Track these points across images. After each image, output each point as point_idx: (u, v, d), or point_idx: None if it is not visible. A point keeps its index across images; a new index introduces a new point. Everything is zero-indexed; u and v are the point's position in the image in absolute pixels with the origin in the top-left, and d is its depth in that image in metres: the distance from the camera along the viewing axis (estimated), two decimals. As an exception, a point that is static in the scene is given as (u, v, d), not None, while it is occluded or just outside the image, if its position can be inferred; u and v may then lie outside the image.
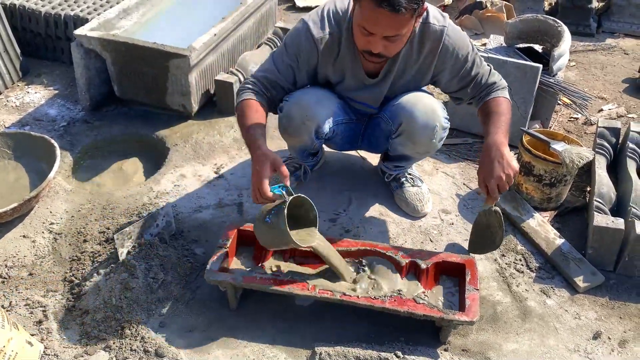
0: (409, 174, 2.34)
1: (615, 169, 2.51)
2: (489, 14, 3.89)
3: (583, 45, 3.82)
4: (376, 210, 2.32)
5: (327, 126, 2.07)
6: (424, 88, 2.16)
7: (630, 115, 3.08)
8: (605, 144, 2.52)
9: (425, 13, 1.88)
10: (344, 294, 1.80)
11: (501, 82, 2.04)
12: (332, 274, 1.88)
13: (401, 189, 2.33)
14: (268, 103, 1.99)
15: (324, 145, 2.39)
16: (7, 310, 1.85)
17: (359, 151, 2.61)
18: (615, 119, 3.01)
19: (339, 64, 2.00)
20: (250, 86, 1.97)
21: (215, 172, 2.49)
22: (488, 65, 2.07)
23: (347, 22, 1.91)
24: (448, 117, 2.10)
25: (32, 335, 1.77)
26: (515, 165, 1.85)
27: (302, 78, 2.03)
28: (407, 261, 1.91)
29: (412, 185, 2.32)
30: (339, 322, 1.87)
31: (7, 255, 2.06)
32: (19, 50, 3.07)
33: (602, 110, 3.12)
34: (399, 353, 1.74)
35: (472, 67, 2.00)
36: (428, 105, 2.03)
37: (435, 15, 1.93)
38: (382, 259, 1.94)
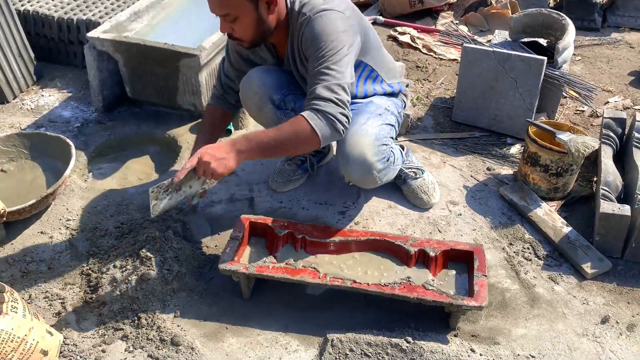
0: (408, 168, 2.36)
1: (622, 159, 2.53)
2: (494, 11, 3.92)
3: (588, 39, 3.84)
4: (384, 202, 2.36)
5: (279, 93, 2.11)
6: (371, 102, 2.11)
7: (636, 107, 3.10)
8: (611, 134, 2.55)
9: (306, 2, 1.88)
10: (355, 282, 1.84)
11: (320, 103, 1.78)
12: (343, 263, 1.92)
13: (406, 184, 2.36)
14: (225, 99, 2.24)
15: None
16: (28, 303, 1.90)
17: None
18: (621, 110, 3.02)
19: (261, 51, 2.11)
20: (213, 92, 2.26)
21: (227, 169, 2.54)
22: (338, 73, 1.81)
23: None
24: (385, 155, 2.01)
25: (52, 326, 1.82)
26: (220, 167, 1.75)
27: (240, 66, 2.16)
28: (415, 249, 1.94)
29: (415, 178, 2.35)
30: (350, 309, 1.91)
31: (26, 250, 2.12)
32: (32, 55, 3.14)
33: (608, 102, 3.14)
34: (409, 339, 1.77)
35: (316, 64, 1.82)
36: (359, 157, 1.95)
37: (314, 5, 1.86)
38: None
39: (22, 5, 3.24)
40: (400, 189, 2.40)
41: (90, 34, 2.72)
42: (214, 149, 1.77)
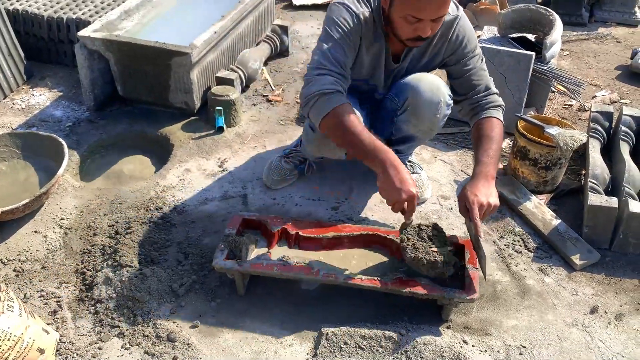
0: (409, 162, 2.40)
1: (609, 152, 2.57)
2: (483, 7, 3.96)
3: (576, 34, 3.88)
4: (377, 197, 2.38)
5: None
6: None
7: (623, 101, 3.15)
8: (599, 128, 2.59)
9: None
10: (348, 277, 1.86)
11: (499, 99, 2.07)
12: (336, 258, 1.94)
13: (401, 177, 2.38)
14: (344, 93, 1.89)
15: None
16: (23, 302, 1.91)
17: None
18: (608, 104, 3.07)
19: (369, 47, 1.97)
20: (337, 87, 1.81)
21: (220, 166, 2.56)
22: (489, 75, 2.10)
23: (377, 5, 1.92)
24: (452, 95, 2.10)
25: (48, 324, 1.83)
26: (497, 202, 1.82)
27: (354, 55, 1.95)
28: (408, 243, 1.97)
29: (412, 173, 2.38)
30: (344, 304, 1.93)
31: (20, 250, 2.12)
32: (22, 54, 3.13)
33: (595, 96, 3.18)
34: (403, 332, 1.80)
35: (474, 62, 2.05)
36: (433, 82, 2.06)
37: (450, 5, 1.95)
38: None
39: (11, 5, 3.23)
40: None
41: (81, 33, 2.72)
42: (481, 192, 1.79)
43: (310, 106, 1.83)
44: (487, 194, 1.80)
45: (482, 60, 2.08)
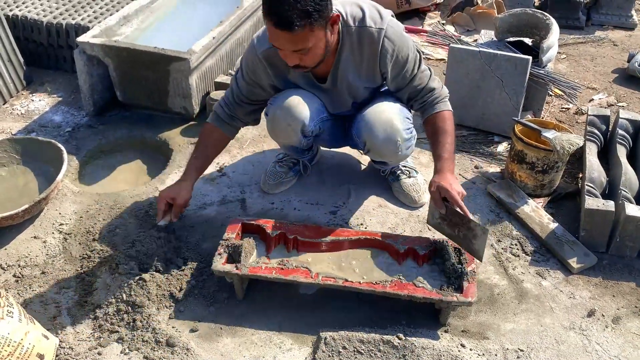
0: (404, 166, 2.41)
1: (606, 156, 2.59)
2: (480, 11, 3.97)
3: (573, 38, 3.90)
4: (375, 202, 2.39)
5: (312, 124, 2.13)
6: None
7: (620, 104, 3.16)
8: (596, 131, 2.60)
9: (361, 15, 1.91)
10: (346, 280, 1.87)
11: (443, 91, 2.08)
12: (334, 262, 1.95)
13: (398, 182, 2.40)
14: (231, 127, 2.18)
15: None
16: (23, 307, 1.91)
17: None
18: (605, 107, 3.08)
19: (292, 71, 2.01)
20: (217, 110, 2.16)
21: (218, 171, 2.57)
22: (429, 69, 2.08)
23: None
24: (410, 126, 2.14)
25: (48, 329, 1.84)
26: (464, 191, 1.91)
27: (264, 89, 2.11)
28: (405, 247, 1.98)
29: (408, 177, 2.39)
30: (342, 308, 1.94)
31: (20, 255, 2.13)
32: (22, 60, 3.15)
33: (592, 100, 3.20)
34: (401, 335, 1.81)
35: (412, 68, 2.01)
36: (387, 121, 2.06)
37: (373, 17, 1.93)
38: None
39: (10, 11, 3.25)
40: (390, 188, 2.44)
41: (80, 39, 2.73)
42: (454, 183, 1.87)
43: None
44: (457, 184, 1.89)
45: (419, 62, 2.03)
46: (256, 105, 2.17)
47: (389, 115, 2.08)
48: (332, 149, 2.59)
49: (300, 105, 2.08)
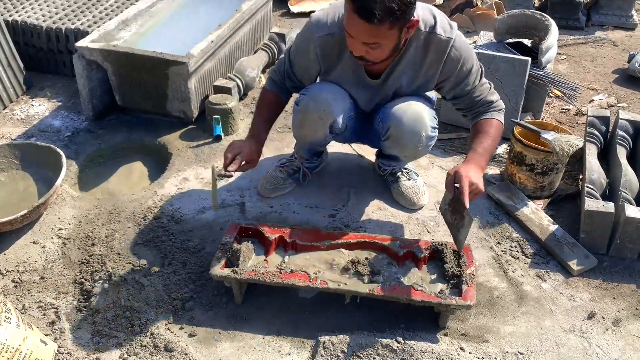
0: (405, 169, 2.41)
1: (606, 157, 2.58)
2: (480, 12, 3.97)
3: (573, 38, 3.89)
4: (374, 205, 2.39)
5: (341, 121, 2.14)
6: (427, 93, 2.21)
7: (620, 105, 3.15)
8: (596, 132, 2.59)
9: (432, 22, 1.93)
10: (345, 284, 1.86)
11: (499, 103, 2.08)
12: (333, 265, 1.95)
13: (397, 183, 2.40)
14: (286, 91, 2.22)
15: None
16: (21, 313, 1.92)
17: (356, 149, 2.68)
18: (605, 108, 3.07)
19: (344, 62, 2.03)
20: (272, 76, 2.20)
21: (218, 175, 2.56)
22: (489, 83, 2.10)
23: None
24: (436, 126, 2.15)
25: (46, 335, 1.84)
26: (483, 188, 1.88)
27: (310, 73, 2.13)
28: (404, 250, 1.97)
29: (408, 179, 2.39)
30: (341, 312, 1.93)
31: (19, 260, 2.13)
32: (22, 65, 3.15)
33: (592, 100, 3.19)
34: (400, 339, 1.80)
35: (473, 80, 2.04)
36: (417, 113, 2.07)
37: (443, 26, 1.94)
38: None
39: (10, 16, 3.26)
40: (389, 191, 2.43)
41: (79, 44, 2.74)
42: (472, 173, 1.84)
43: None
44: (477, 177, 1.86)
45: (481, 75, 2.06)
46: (300, 83, 2.18)
47: (420, 109, 2.08)
48: (332, 153, 2.59)
49: (335, 101, 2.09)
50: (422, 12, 1.93)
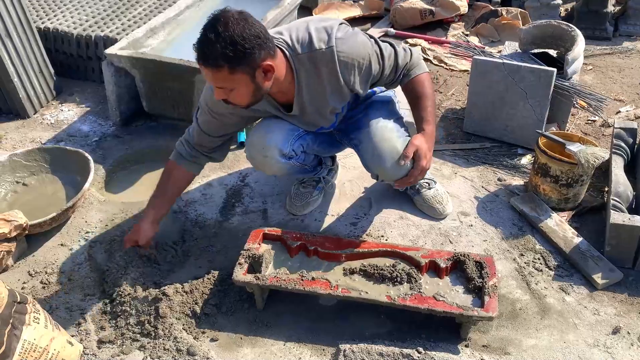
0: (423, 179, 2.38)
1: (633, 169, 2.54)
2: (505, 22, 3.95)
3: (600, 49, 3.84)
4: (396, 213, 2.39)
5: (287, 145, 2.07)
6: (385, 95, 2.19)
7: (648, 116, 3.10)
8: (622, 144, 2.55)
9: (308, 39, 1.84)
10: (367, 293, 1.87)
11: (414, 58, 2.05)
12: (355, 272, 1.95)
13: (419, 195, 2.39)
14: (194, 162, 2.14)
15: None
16: (49, 313, 1.96)
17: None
18: (633, 120, 3.03)
19: (261, 103, 1.94)
20: (178, 148, 2.14)
21: (241, 181, 2.60)
22: (390, 45, 2.01)
23: None
24: (406, 142, 2.03)
25: (72, 336, 1.87)
26: (430, 165, 2.01)
27: (231, 121, 2.04)
28: (426, 260, 1.97)
29: (429, 189, 2.38)
30: (362, 319, 1.94)
31: (47, 262, 2.18)
32: (52, 71, 3.24)
33: (619, 112, 3.15)
34: (421, 349, 1.80)
35: (377, 65, 1.95)
36: (392, 150, 2.00)
37: (320, 37, 1.85)
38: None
39: (42, 23, 3.34)
40: (411, 200, 2.43)
41: (108, 51, 2.80)
42: (425, 148, 1.98)
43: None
44: (429, 157, 2.00)
45: (380, 55, 1.95)
46: (221, 139, 2.11)
47: (392, 142, 2.02)
48: (353, 161, 2.60)
49: (268, 133, 2.05)
50: (296, 33, 1.86)
